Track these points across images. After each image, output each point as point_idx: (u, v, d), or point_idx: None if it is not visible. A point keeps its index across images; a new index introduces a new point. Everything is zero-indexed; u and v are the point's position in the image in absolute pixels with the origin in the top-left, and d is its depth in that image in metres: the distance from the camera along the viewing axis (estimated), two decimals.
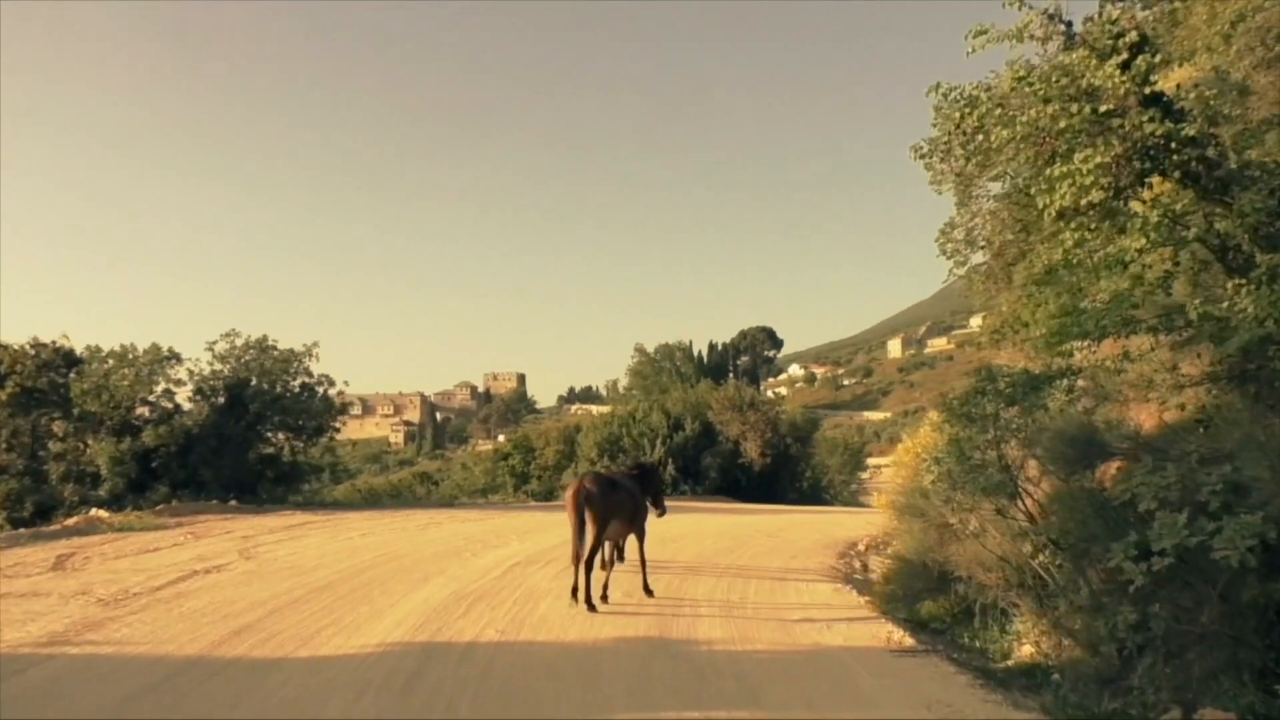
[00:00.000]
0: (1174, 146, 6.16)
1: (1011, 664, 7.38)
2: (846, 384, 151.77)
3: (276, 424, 24.17)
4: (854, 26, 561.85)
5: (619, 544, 10.30)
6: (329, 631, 7.56)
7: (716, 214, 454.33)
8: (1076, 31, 7.01)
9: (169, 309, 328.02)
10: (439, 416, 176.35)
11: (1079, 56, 6.21)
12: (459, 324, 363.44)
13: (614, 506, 8.86)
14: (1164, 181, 6.60)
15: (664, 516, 10.74)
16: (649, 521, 9.99)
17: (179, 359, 23.25)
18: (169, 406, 23.15)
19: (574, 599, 8.67)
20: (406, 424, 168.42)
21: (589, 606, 8.51)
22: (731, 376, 77.75)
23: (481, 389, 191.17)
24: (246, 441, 23.13)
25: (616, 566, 10.02)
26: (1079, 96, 6.31)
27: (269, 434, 24.21)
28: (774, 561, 13.17)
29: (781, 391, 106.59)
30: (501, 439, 63.74)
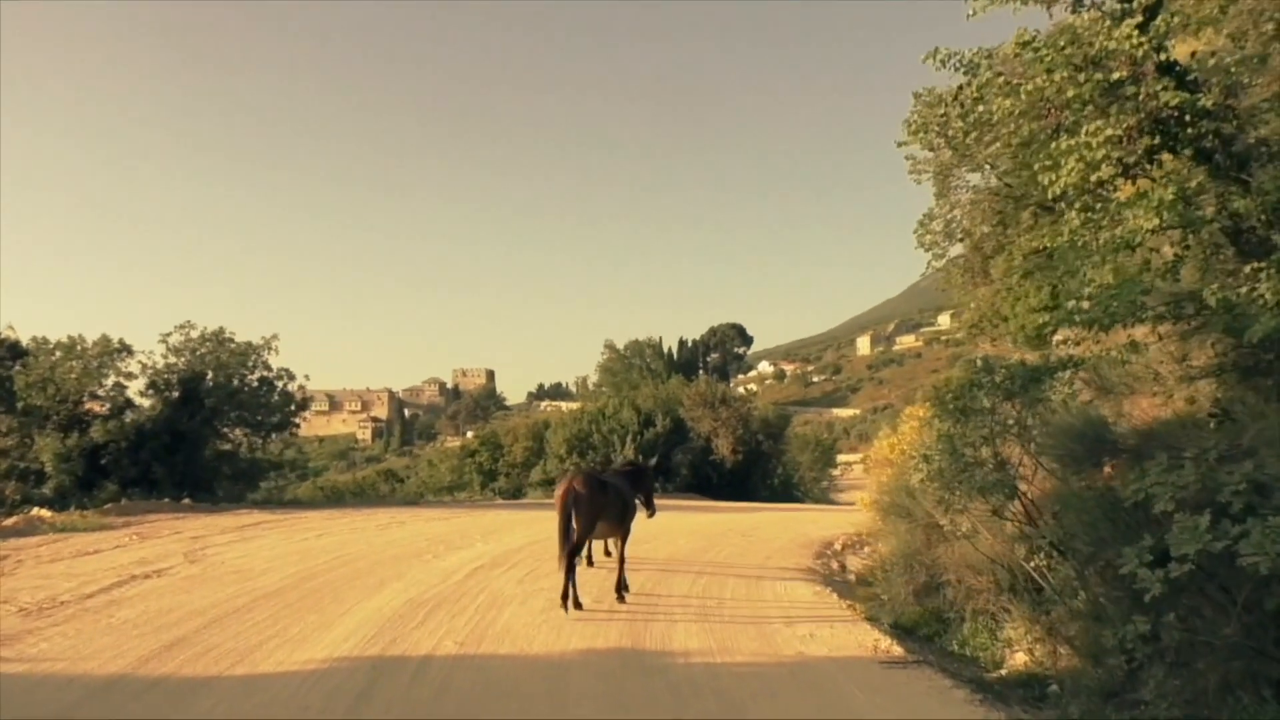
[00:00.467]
0: (1189, 119, 5.71)
1: (1006, 673, 7.03)
2: (816, 381, 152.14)
3: (234, 419, 23.33)
4: (821, 25, 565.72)
5: (608, 542, 10.06)
6: (271, 645, 6.92)
7: (687, 211, 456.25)
8: None
9: (125, 302, 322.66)
10: (407, 413, 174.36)
11: (1088, 19, 5.73)
12: (428, 320, 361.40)
13: (602, 507, 8.70)
14: (1174, 159, 6.16)
15: (653, 517, 10.47)
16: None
17: (130, 351, 22.34)
18: (120, 400, 22.22)
19: (564, 606, 8.27)
20: (374, 420, 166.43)
21: (576, 605, 8.29)
22: (702, 373, 77.57)
23: (450, 385, 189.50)
24: (202, 437, 22.31)
25: (588, 570, 9.59)
26: (1086, 65, 5.85)
27: (226, 430, 23.37)
28: (750, 560, 12.71)
29: (752, 388, 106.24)
30: (470, 435, 62.56)
